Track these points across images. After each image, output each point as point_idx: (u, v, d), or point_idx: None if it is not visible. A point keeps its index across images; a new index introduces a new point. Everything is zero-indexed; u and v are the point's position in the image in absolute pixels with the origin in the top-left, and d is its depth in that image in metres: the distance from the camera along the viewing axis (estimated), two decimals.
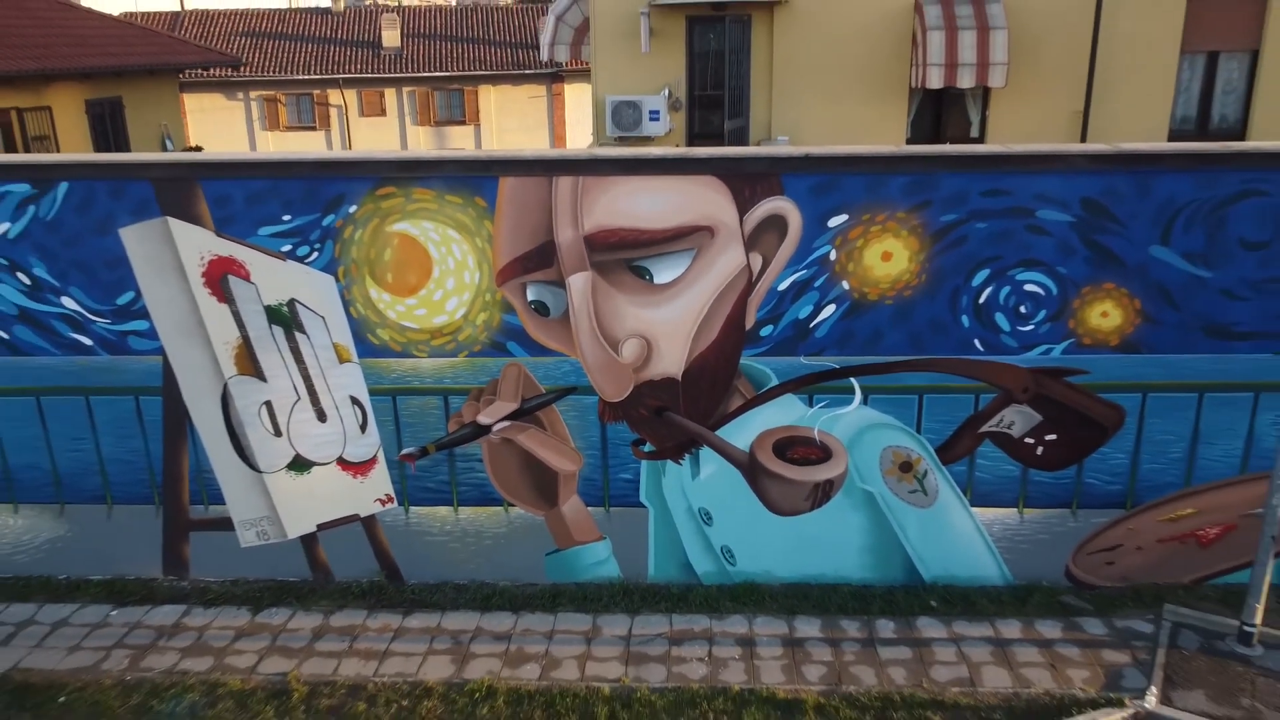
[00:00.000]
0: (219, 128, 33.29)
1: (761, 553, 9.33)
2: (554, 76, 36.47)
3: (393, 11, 38.55)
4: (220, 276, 8.82)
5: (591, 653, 8.50)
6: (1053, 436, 8.92)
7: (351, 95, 36.08)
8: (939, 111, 13.03)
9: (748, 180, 8.31)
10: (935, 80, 11.90)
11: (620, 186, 8.31)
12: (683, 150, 8.71)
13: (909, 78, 12.44)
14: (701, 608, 9.12)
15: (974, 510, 9.16)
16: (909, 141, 12.97)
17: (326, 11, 38.60)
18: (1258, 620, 8.23)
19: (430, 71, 36.34)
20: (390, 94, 36.40)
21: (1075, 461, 9.02)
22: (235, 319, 8.94)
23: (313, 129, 36.46)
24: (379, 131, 36.92)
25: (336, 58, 36.29)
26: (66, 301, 9.03)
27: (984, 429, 8.93)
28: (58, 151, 15.50)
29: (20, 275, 8.96)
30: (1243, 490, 8.87)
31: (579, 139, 37.52)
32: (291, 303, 8.90)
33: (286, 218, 8.65)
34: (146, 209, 8.69)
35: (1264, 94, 12.42)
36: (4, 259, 8.92)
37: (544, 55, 16.47)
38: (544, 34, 15.25)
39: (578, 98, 36.46)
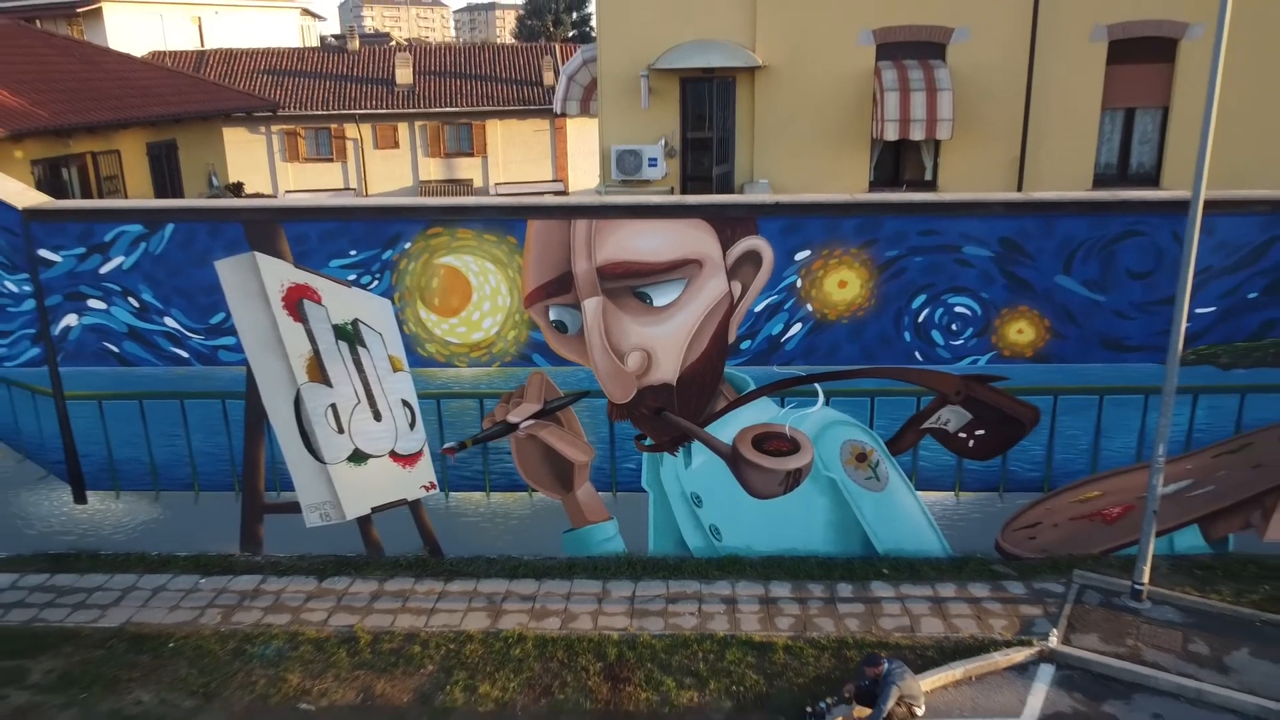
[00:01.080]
0: (243, 159, 35.02)
1: (743, 530, 11.09)
2: (558, 113, 38.35)
3: (406, 51, 40.65)
4: (296, 300, 10.64)
5: (602, 609, 10.25)
6: (981, 432, 10.73)
7: (366, 129, 38.06)
8: (898, 158, 14.94)
9: (729, 222, 10.16)
10: (892, 134, 13.84)
11: (626, 228, 10.16)
12: (676, 198, 10.58)
13: (870, 130, 14.38)
14: (693, 575, 10.87)
15: (918, 494, 10.95)
16: (872, 183, 14.85)
17: (343, 50, 40.66)
18: (1145, 580, 10.01)
19: (440, 107, 38.34)
20: (403, 128, 38.41)
21: (1000, 453, 10.82)
22: (308, 335, 10.75)
23: (330, 160, 38.41)
24: (392, 163, 38.91)
25: (353, 94, 38.32)
26: (168, 321, 10.82)
27: (925, 425, 10.75)
28: (124, 189, 17.33)
29: (131, 299, 10.76)
30: (1138, 476, 10.65)
31: (580, 169, 39.48)
32: (355, 322, 10.71)
33: (353, 252, 10.48)
34: (237, 245, 10.50)
35: (1174, 144, 14.33)
36: (118, 286, 10.72)
37: (556, 109, 18.52)
38: (557, 90, 17.26)
39: (578, 131, 38.43)
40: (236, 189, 22.44)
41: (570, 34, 78.00)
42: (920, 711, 8.21)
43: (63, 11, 45.67)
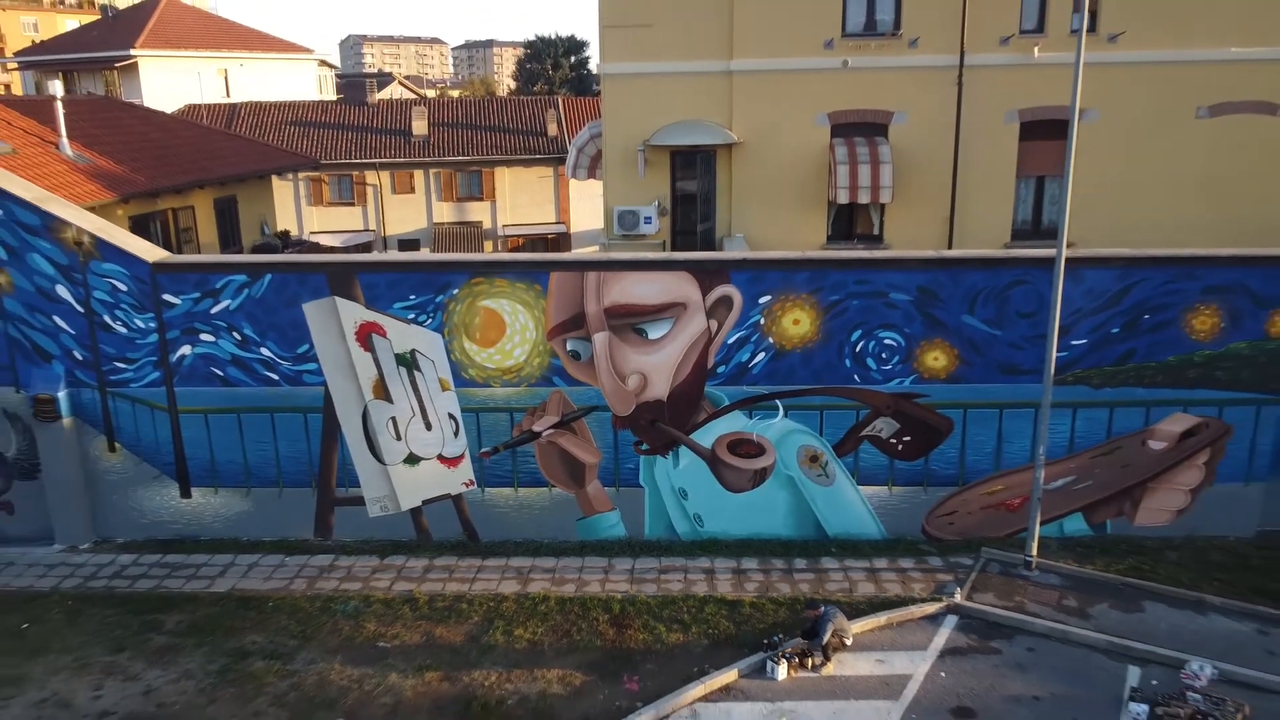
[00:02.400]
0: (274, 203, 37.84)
1: (720, 518, 13.70)
2: (560, 160, 41.42)
3: (421, 104, 43.69)
4: (367, 335, 13.32)
5: (608, 578, 12.83)
6: (908, 438, 13.40)
7: (385, 176, 40.91)
8: (851, 216, 17.73)
9: (707, 274, 12.90)
10: (844, 198, 16.65)
11: (626, 278, 12.88)
12: (665, 255, 13.34)
13: (826, 194, 17.19)
14: (680, 554, 13.46)
15: (859, 488, 13.58)
16: (830, 237, 17.61)
17: (364, 104, 43.70)
18: (1034, 553, 12.63)
19: (453, 156, 41.24)
20: (419, 175, 41.28)
21: (923, 455, 13.48)
22: (375, 362, 13.41)
23: (351, 204, 41.22)
24: (408, 207, 41.74)
25: (372, 144, 41.23)
26: (263, 350, 13.47)
27: (863, 433, 13.42)
28: (197, 239, 20.04)
29: (234, 333, 13.43)
30: (1032, 474, 13.29)
31: (580, 213, 42.32)
32: (412, 351, 13.38)
33: (412, 297, 13.17)
34: (320, 291, 13.20)
35: (1079, 205, 17.15)
36: (225, 323, 13.39)
37: (568, 174, 21.38)
38: (568, 159, 20.10)
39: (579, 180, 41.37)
40: (284, 236, 25.18)
41: (569, 76, 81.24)
42: (849, 643, 10.82)
43: (102, 65, 48.86)
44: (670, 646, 11.25)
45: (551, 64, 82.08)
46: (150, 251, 13.49)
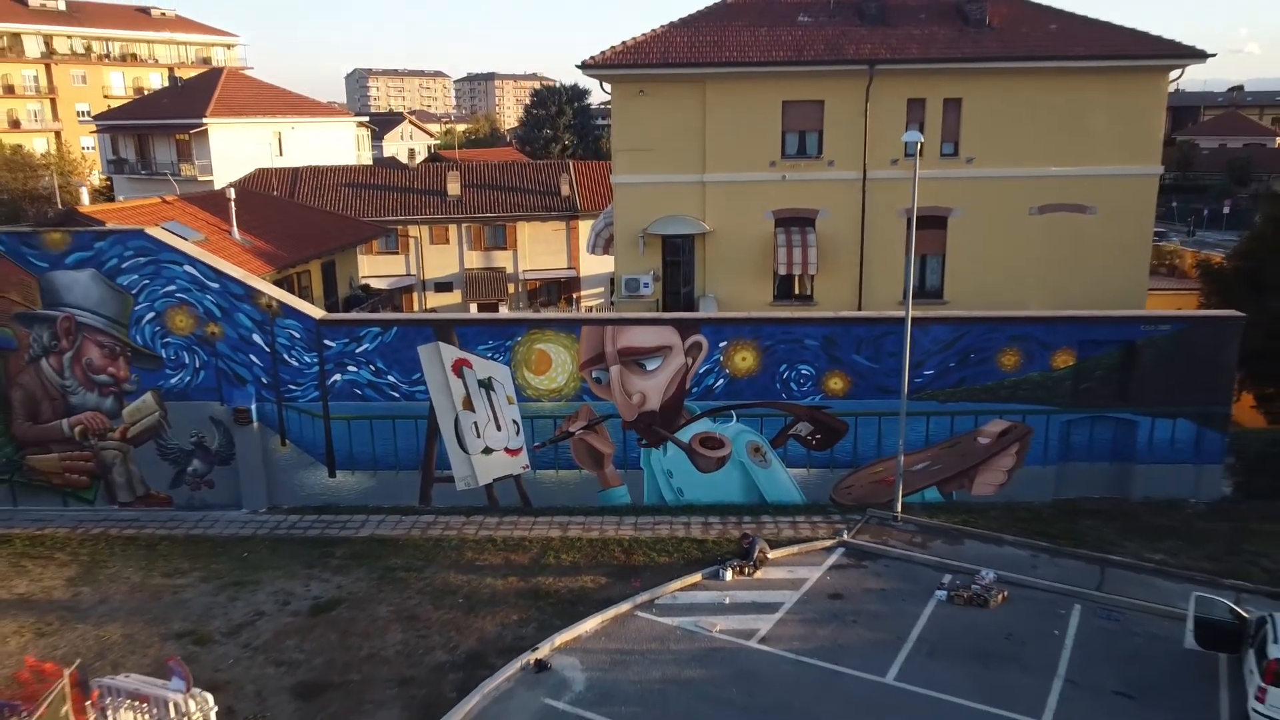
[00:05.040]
0: None
1: (695, 491, 19.84)
2: (570, 216, 47.84)
3: (454, 168, 50.13)
4: (459, 367, 19.52)
5: (619, 527, 18.92)
6: (819, 436, 19.59)
7: (424, 229, 47.21)
8: (789, 282, 23.93)
9: (685, 327, 19.13)
10: (784, 271, 22.91)
11: (632, 330, 19.12)
12: (657, 314, 19.64)
13: (772, 267, 23.41)
14: (667, 513, 19.57)
15: (788, 469, 19.73)
16: (775, 296, 23.77)
17: (405, 168, 50.03)
18: (899, 511, 18.78)
19: (481, 212, 47.57)
20: (452, 229, 47.58)
21: (829, 447, 19.65)
22: (464, 386, 19.60)
23: (395, 253, 47.53)
24: (443, 255, 48.02)
25: (413, 202, 47.56)
26: (389, 377, 19.65)
27: (789, 433, 19.59)
28: (311, 294, 26.22)
29: (371, 366, 19.61)
30: (908, 458, 19.43)
31: (587, 260, 48.57)
32: (489, 378, 19.58)
33: (490, 342, 19.38)
34: (429, 338, 19.41)
35: (949, 275, 23.47)
36: (365, 359, 19.58)
37: (588, 251, 27.72)
38: (587, 240, 26.40)
39: (589, 232, 47.72)
40: (365, 289, 31.44)
41: (572, 122, 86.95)
42: (770, 558, 16.98)
43: (178, 130, 55.23)
44: (660, 565, 17.36)
45: (556, 110, 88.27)
46: (314, 311, 19.76)
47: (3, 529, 19.38)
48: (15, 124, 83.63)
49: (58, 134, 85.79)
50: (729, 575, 16.70)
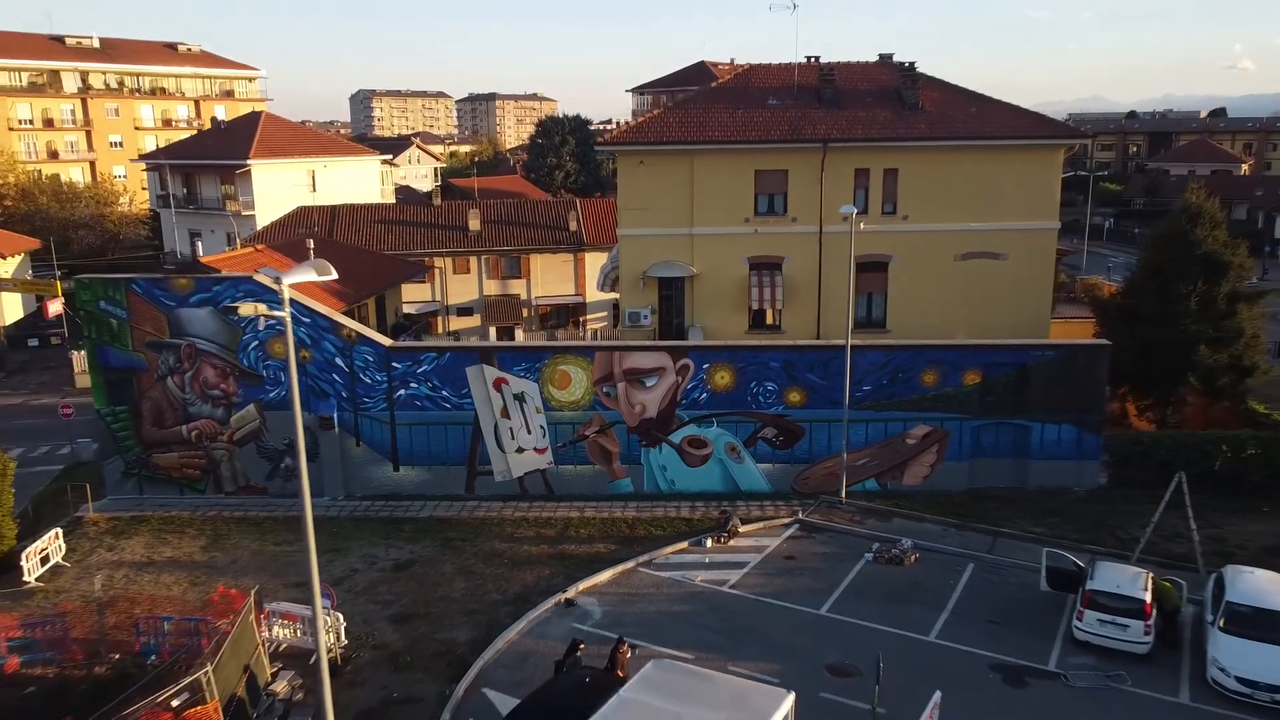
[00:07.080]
0: None
1: (684, 481, 24.57)
2: (578, 249, 52.69)
3: (475, 205, 55.05)
4: (499, 385, 24.29)
5: (624, 510, 23.64)
6: (782, 438, 24.34)
7: (447, 261, 52.06)
8: (761, 315, 28.74)
9: (676, 353, 23.92)
10: (756, 306, 27.73)
11: (634, 354, 23.91)
12: (654, 343, 24.50)
13: (748, 303, 28.20)
14: (662, 500, 24.30)
15: (758, 464, 24.45)
16: (750, 326, 28.56)
17: (430, 204, 55.00)
18: (844, 497, 23.51)
19: (499, 245, 52.44)
20: (473, 260, 52.46)
21: (790, 447, 24.39)
22: (502, 398, 24.35)
23: (422, 282, 52.29)
24: (465, 284, 52.83)
25: (438, 237, 52.44)
26: (444, 392, 24.40)
27: (759, 435, 24.33)
28: (370, 323, 30.97)
29: (429, 383, 24.36)
30: (851, 456, 24.15)
31: (592, 288, 53.47)
32: (522, 393, 24.33)
33: (523, 364, 24.14)
34: (475, 361, 24.18)
35: (892, 309, 28.30)
36: (424, 377, 24.32)
37: (598, 288, 32.49)
38: (597, 279, 31.13)
39: (594, 262, 52.57)
40: (408, 317, 36.30)
41: (575, 150, 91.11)
42: (741, 530, 21.70)
43: (223, 170, 60.07)
44: (656, 537, 22.06)
45: (560, 139, 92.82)
46: (383, 339, 24.57)
47: (139, 512, 24.05)
48: (54, 154, 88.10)
49: (92, 164, 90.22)
50: (709, 543, 21.40)
